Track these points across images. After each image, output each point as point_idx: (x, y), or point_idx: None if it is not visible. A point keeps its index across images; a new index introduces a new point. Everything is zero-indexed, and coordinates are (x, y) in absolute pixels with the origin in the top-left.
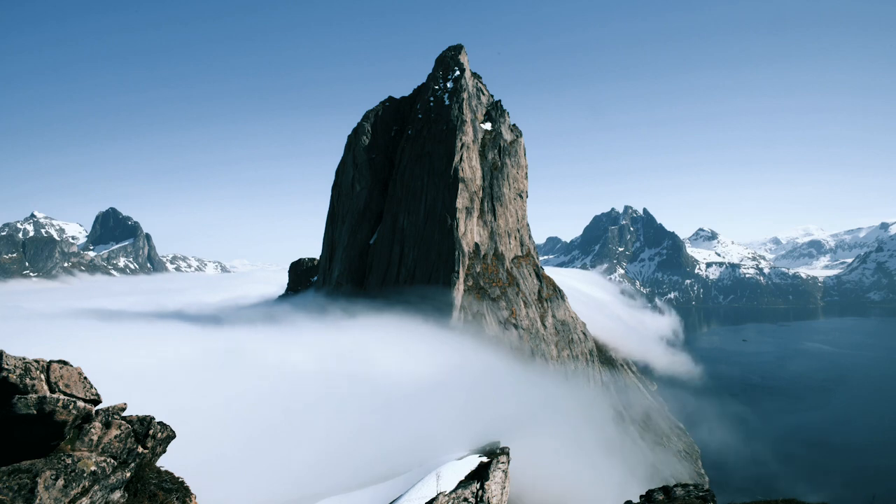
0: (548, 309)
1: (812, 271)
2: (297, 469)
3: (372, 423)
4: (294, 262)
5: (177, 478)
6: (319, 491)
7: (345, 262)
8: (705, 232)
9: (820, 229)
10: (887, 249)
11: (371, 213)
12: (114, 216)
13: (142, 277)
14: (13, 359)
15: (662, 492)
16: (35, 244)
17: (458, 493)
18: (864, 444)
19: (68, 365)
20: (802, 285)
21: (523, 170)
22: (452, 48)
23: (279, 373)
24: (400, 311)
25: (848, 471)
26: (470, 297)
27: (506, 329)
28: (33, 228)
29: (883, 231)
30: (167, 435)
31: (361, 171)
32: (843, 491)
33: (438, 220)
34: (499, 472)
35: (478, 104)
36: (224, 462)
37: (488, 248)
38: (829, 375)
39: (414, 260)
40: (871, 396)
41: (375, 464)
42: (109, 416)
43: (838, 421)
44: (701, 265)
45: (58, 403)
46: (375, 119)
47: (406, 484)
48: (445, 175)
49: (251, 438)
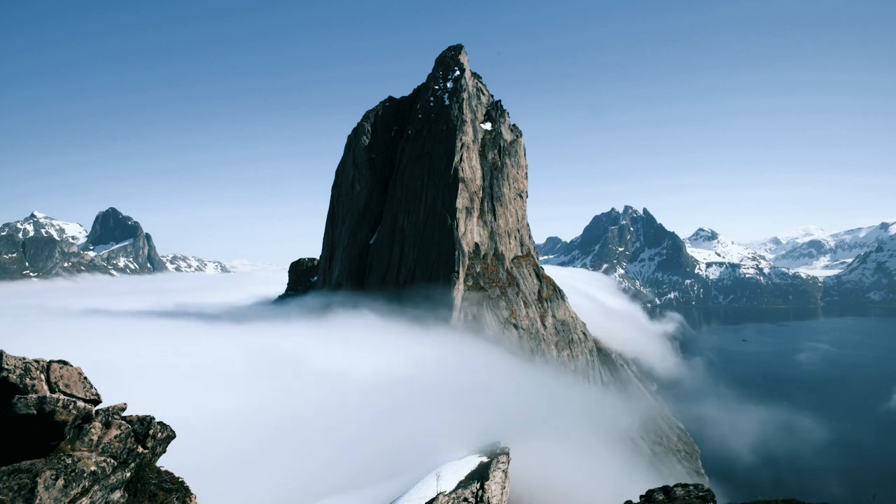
0: (548, 309)
1: (812, 271)
2: (297, 469)
3: (372, 424)
4: (294, 262)
5: (177, 478)
6: (319, 491)
7: (345, 262)
8: (705, 232)
9: (820, 229)
10: (887, 249)
11: (371, 213)
12: (114, 216)
13: (142, 277)
14: (13, 359)
15: (662, 492)
16: (35, 244)
17: (458, 493)
18: (864, 444)
19: (68, 365)
20: (802, 285)
21: (523, 170)
22: (452, 48)
23: (279, 374)
24: (400, 311)
25: (848, 471)
26: (470, 297)
27: (506, 329)
28: (33, 228)
29: (883, 231)
30: (167, 435)
31: (361, 171)
32: (843, 491)
33: (438, 220)
34: (499, 472)
35: (478, 104)
36: (224, 462)
37: (488, 248)
38: (830, 375)
39: (414, 260)
40: (871, 396)
41: (375, 464)
42: (109, 416)
43: (838, 421)
44: (701, 265)
45: (58, 403)
46: (375, 119)
47: (406, 484)
48: (445, 175)
49: (251, 438)
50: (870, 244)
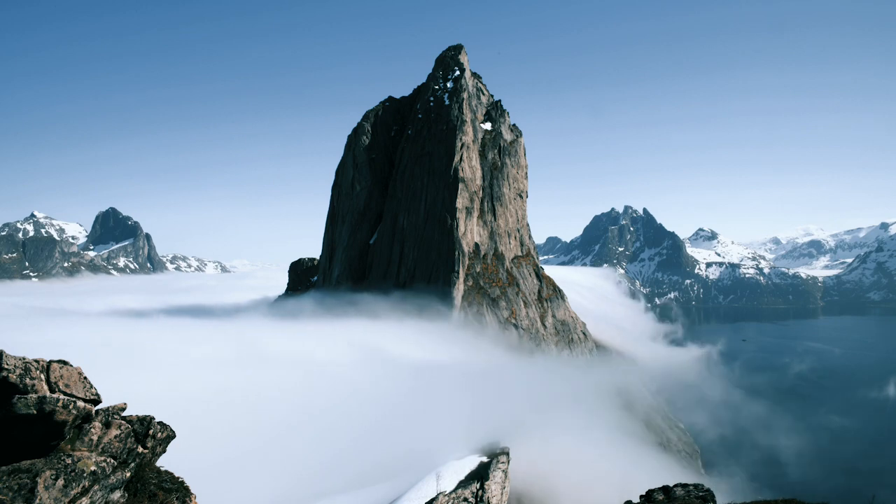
0: (548, 309)
1: (812, 271)
2: (297, 469)
3: (372, 423)
4: (294, 262)
5: (177, 478)
6: (319, 491)
7: (345, 261)
8: (705, 232)
9: (820, 229)
10: (887, 249)
11: (371, 213)
12: (114, 216)
13: (142, 277)
14: (13, 358)
15: (662, 492)
16: (35, 244)
17: (458, 493)
18: (864, 444)
19: (68, 365)
20: (802, 285)
21: (523, 170)
22: (452, 48)
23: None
24: (399, 311)
25: (848, 471)
26: (470, 296)
27: (506, 329)
28: (33, 228)
29: (883, 231)
30: (167, 435)
31: (361, 171)
32: (843, 491)
33: (438, 220)
34: (499, 472)
35: (478, 104)
36: (224, 462)
37: (488, 248)
38: (830, 375)
39: (414, 260)
40: (871, 396)
41: (375, 464)
42: (109, 415)
43: (838, 421)
44: (701, 265)
45: (58, 403)
46: (375, 119)
47: (406, 484)
48: (445, 175)
49: (251, 437)
50: (870, 244)
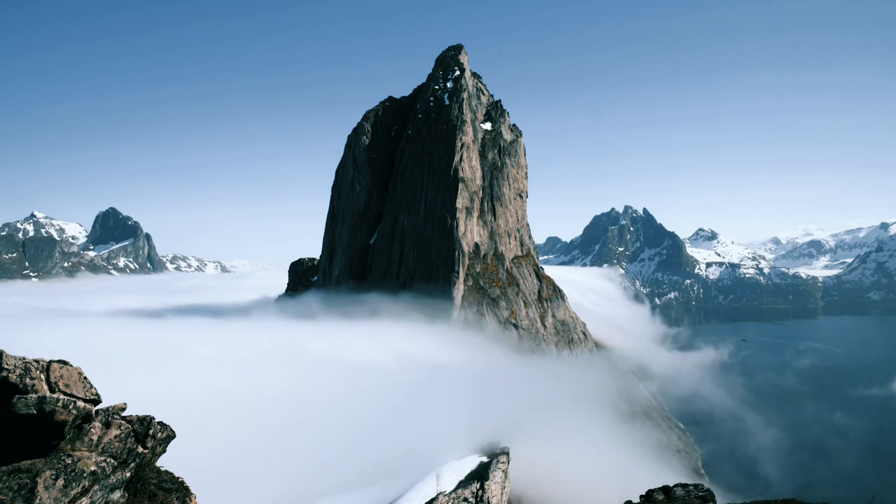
0: (548, 309)
1: (812, 271)
2: (297, 469)
3: (372, 423)
4: (294, 262)
5: (177, 478)
6: (320, 491)
7: (345, 261)
8: (705, 232)
9: (820, 229)
10: (887, 249)
11: (371, 213)
12: (114, 216)
13: (142, 277)
14: (13, 358)
15: (662, 492)
16: (35, 244)
17: (458, 493)
18: (864, 444)
19: (68, 365)
20: (802, 285)
21: (523, 170)
22: (452, 48)
23: (276, 374)
24: (399, 310)
25: (848, 471)
26: (470, 296)
27: (506, 329)
28: (33, 228)
29: (883, 231)
30: (167, 435)
31: (361, 171)
32: (843, 491)
33: (438, 220)
34: (499, 472)
35: (478, 104)
36: (224, 462)
37: (488, 248)
38: (830, 375)
39: (414, 260)
40: (871, 396)
41: (376, 464)
42: (109, 415)
43: (838, 421)
44: (701, 265)
45: (58, 403)
46: (375, 119)
47: (406, 484)
48: (445, 175)
49: (251, 437)
50: (870, 244)
